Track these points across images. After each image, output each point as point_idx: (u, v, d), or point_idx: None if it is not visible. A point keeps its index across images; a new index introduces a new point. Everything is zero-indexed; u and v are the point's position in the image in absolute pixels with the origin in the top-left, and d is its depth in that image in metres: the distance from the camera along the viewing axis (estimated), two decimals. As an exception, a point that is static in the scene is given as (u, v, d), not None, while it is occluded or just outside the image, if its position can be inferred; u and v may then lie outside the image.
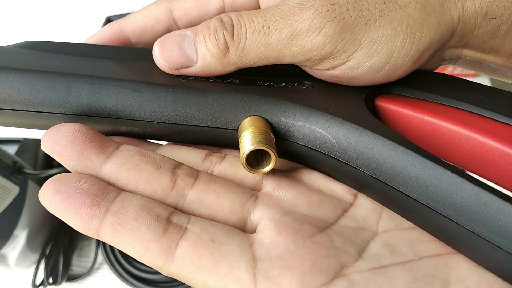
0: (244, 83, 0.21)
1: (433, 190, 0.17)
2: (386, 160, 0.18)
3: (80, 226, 0.17)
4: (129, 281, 0.46)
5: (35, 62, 0.21)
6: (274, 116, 0.20)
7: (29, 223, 0.44)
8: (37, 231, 0.46)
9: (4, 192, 0.41)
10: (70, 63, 0.21)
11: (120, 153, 0.19)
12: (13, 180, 0.42)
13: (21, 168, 0.43)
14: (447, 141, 0.20)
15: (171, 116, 0.20)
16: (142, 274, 0.47)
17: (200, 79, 0.21)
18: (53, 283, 0.46)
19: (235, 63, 0.20)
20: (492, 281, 0.17)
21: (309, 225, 0.18)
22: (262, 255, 0.17)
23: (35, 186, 0.45)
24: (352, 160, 0.19)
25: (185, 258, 0.17)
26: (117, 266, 0.47)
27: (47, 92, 0.20)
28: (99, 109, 0.20)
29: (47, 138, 0.19)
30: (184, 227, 0.17)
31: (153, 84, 0.20)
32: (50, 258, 0.46)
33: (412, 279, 0.17)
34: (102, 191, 0.17)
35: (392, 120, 0.22)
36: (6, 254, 0.44)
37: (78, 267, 0.49)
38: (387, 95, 0.22)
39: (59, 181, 0.17)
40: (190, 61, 0.20)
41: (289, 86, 0.22)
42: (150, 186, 0.18)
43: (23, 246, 0.44)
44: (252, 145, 0.18)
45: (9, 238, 0.42)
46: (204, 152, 0.21)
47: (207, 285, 0.17)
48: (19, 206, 0.43)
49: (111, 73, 0.20)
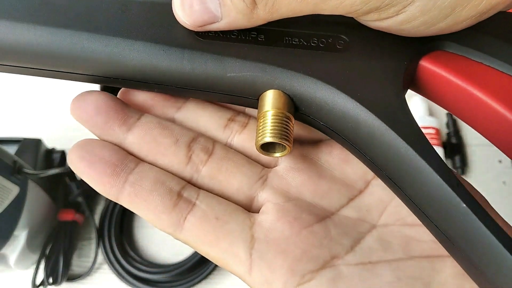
0: (270, 40, 0.19)
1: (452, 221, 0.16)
2: (408, 172, 0.17)
3: (102, 191, 0.19)
4: (129, 281, 0.46)
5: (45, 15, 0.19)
6: (298, 93, 0.19)
7: (29, 223, 0.44)
8: (37, 231, 0.46)
9: (4, 192, 0.40)
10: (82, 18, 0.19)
11: (141, 125, 0.20)
12: (13, 180, 0.42)
13: (21, 168, 0.43)
14: (493, 122, 0.17)
15: (189, 82, 0.19)
16: (142, 274, 0.46)
17: (221, 35, 0.19)
18: (53, 283, 0.46)
19: (264, 18, 0.18)
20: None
21: (309, 214, 0.19)
22: (261, 237, 0.19)
23: (35, 186, 0.45)
24: (372, 158, 0.18)
25: (191, 231, 0.19)
26: (117, 266, 0.47)
27: (58, 51, 0.18)
28: (112, 72, 0.19)
29: (75, 106, 0.20)
30: (193, 202, 0.19)
31: (168, 48, 0.18)
32: (50, 258, 0.46)
33: (396, 278, 0.18)
34: (121, 162, 0.19)
35: (434, 87, 0.19)
36: (6, 254, 0.43)
37: (78, 267, 0.49)
38: (438, 52, 0.19)
39: (84, 148, 0.19)
40: (214, 17, 0.18)
41: (321, 45, 0.19)
42: (168, 159, 0.20)
43: (23, 246, 0.44)
44: (270, 137, 0.18)
45: (9, 238, 0.42)
46: (227, 116, 0.22)
47: (209, 255, 0.19)
48: (19, 206, 0.43)
49: (124, 33, 0.19)
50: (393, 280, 0.18)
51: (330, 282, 0.18)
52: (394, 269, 0.18)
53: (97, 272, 0.49)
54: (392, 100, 0.18)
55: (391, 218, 0.20)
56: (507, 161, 0.54)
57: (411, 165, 0.16)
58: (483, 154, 0.54)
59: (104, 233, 0.49)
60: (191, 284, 0.46)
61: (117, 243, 0.48)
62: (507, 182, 0.52)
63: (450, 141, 0.54)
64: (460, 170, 0.53)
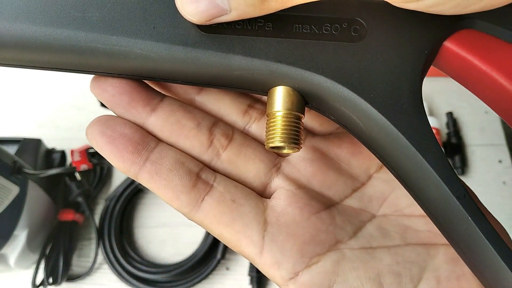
0: (278, 30, 0.17)
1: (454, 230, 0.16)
2: (416, 177, 0.17)
3: (121, 168, 0.19)
4: (129, 281, 0.46)
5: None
6: (308, 90, 0.18)
7: (29, 223, 0.44)
8: (37, 231, 0.46)
9: (4, 192, 0.40)
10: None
11: (165, 106, 0.20)
12: (13, 180, 0.42)
13: (21, 168, 0.43)
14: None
15: (194, 80, 0.19)
16: (142, 274, 0.47)
17: (225, 25, 0.18)
18: (53, 283, 0.46)
19: (276, 8, 0.17)
20: (460, 275, 0.19)
21: (317, 202, 0.21)
22: (273, 220, 0.19)
23: (35, 186, 0.45)
24: (382, 156, 0.18)
25: (208, 211, 0.19)
26: (117, 266, 0.47)
27: (53, 51, 0.18)
28: (113, 70, 0.19)
29: (96, 85, 0.20)
30: (211, 184, 0.20)
31: (170, 47, 0.17)
32: (50, 258, 0.46)
33: (394, 262, 0.19)
34: (143, 140, 0.19)
35: (457, 69, 0.18)
36: (6, 254, 0.43)
37: (78, 267, 0.49)
38: (466, 31, 0.17)
39: (105, 123, 0.19)
40: (222, 11, 0.17)
41: (334, 33, 0.17)
42: (190, 142, 0.20)
43: (23, 246, 0.44)
44: (279, 141, 0.18)
45: (9, 238, 0.42)
46: (247, 103, 0.22)
47: (222, 236, 0.19)
48: (19, 206, 0.43)
49: (124, 31, 0.17)
50: (392, 264, 0.19)
51: (335, 264, 0.19)
52: (393, 254, 0.20)
53: (97, 272, 0.49)
54: (407, 102, 0.17)
55: (390, 209, 0.21)
56: (507, 161, 0.54)
57: (419, 171, 0.17)
58: (483, 154, 0.54)
59: (104, 233, 0.49)
60: (191, 284, 0.46)
61: (117, 243, 0.48)
62: (507, 182, 0.52)
63: (450, 141, 0.54)
64: (460, 170, 0.53)
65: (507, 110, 0.17)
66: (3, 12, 0.17)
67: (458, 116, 0.56)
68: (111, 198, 0.51)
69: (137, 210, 0.53)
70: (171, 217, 0.51)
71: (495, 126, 0.56)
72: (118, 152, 0.19)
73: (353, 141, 0.22)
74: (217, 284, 0.48)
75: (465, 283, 0.19)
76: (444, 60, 0.18)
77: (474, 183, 0.53)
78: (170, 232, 0.51)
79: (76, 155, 0.49)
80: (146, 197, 0.53)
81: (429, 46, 0.17)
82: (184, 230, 0.50)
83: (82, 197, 0.49)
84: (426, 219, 0.20)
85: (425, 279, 0.19)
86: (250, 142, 0.21)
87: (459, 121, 0.56)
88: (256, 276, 0.46)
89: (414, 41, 0.17)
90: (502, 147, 0.54)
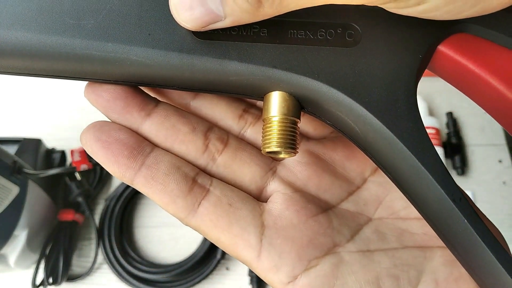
0: (273, 35, 0.18)
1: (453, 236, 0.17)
2: (412, 180, 0.17)
3: (117, 173, 0.19)
4: (129, 281, 0.46)
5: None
6: (303, 95, 0.18)
7: (29, 223, 0.44)
8: (37, 231, 0.46)
9: (4, 192, 0.40)
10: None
11: (159, 111, 0.20)
12: (13, 180, 0.42)
13: (21, 168, 0.43)
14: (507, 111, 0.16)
15: (190, 86, 0.19)
16: (142, 274, 0.47)
17: (220, 32, 0.18)
18: (53, 283, 0.46)
19: (271, 14, 0.17)
20: (458, 277, 0.19)
21: (314, 205, 0.20)
22: (270, 224, 0.19)
23: (35, 186, 0.45)
24: (378, 160, 0.18)
25: (205, 215, 0.19)
26: (117, 266, 0.47)
27: (49, 57, 0.18)
28: (109, 77, 0.19)
29: (90, 90, 0.20)
30: (207, 188, 0.20)
31: (165, 52, 0.17)
32: (50, 258, 0.46)
33: (392, 265, 0.19)
34: (138, 145, 0.19)
35: (451, 73, 0.18)
36: (6, 254, 0.43)
37: (78, 267, 0.49)
38: (460, 35, 0.17)
39: (100, 129, 0.19)
40: (216, 17, 0.17)
41: (329, 38, 0.17)
42: (185, 146, 0.20)
43: (23, 246, 0.44)
44: (275, 146, 0.18)
45: (9, 238, 0.42)
46: (241, 107, 0.22)
47: (219, 240, 0.19)
48: (19, 206, 0.43)
49: (118, 38, 0.17)
50: (390, 266, 0.19)
51: (334, 267, 0.19)
52: (390, 257, 0.20)
53: (97, 272, 0.49)
54: (403, 106, 0.17)
55: (386, 212, 0.21)
56: (507, 161, 0.54)
57: (415, 174, 0.17)
58: (483, 154, 0.54)
59: (104, 233, 0.49)
60: (191, 284, 0.46)
61: (117, 243, 0.48)
62: (507, 182, 0.52)
63: (450, 141, 0.54)
64: (460, 170, 0.53)
65: (501, 112, 0.17)
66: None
67: (458, 116, 0.56)
68: (111, 198, 0.51)
69: (137, 210, 0.53)
70: (171, 217, 0.51)
71: (495, 126, 0.56)
72: (113, 157, 0.19)
73: (347, 145, 0.22)
74: (217, 284, 0.48)
75: (463, 285, 0.19)
76: (438, 64, 0.18)
77: (474, 183, 0.53)
78: (170, 232, 0.51)
79: (76, 155, 0.49)
80: (146, 197, 0.53)
81: (424, 50, 0.17)
82: (184, 230, 0.50)
83: (82, 197, 0.49)
84: (421, 221, 0.20)
85: (423, 281, 0.19)
86: (246, 146, 0.21)
87: (459, 121, 0.56)
88: (256, 276, 0.46)
89: (408, 45, 0.17)
90: (502, 147, 0.54)
